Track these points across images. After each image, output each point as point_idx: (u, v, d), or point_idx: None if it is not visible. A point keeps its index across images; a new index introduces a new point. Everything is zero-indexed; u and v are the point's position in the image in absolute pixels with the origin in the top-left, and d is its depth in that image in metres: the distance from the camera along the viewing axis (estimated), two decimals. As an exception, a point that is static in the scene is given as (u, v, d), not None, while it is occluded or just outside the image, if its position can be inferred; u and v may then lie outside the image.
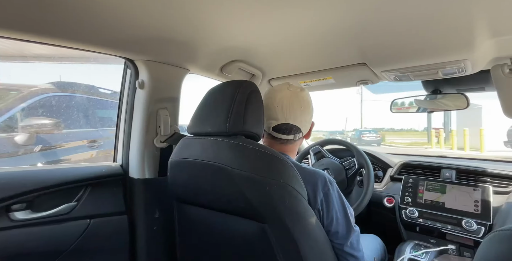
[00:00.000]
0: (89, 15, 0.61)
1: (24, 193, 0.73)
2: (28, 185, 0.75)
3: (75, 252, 0.79)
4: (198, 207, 0.69)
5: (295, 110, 0.74)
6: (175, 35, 0.75)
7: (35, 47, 1.82)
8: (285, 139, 0.75)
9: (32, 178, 0.77)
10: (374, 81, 1.09)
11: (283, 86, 0.77)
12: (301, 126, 0.75)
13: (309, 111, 0.77)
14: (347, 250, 0.66)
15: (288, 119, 0.73)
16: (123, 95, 0.97)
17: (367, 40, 0.77)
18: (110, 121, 2.43)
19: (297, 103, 0.74)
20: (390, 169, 1.35)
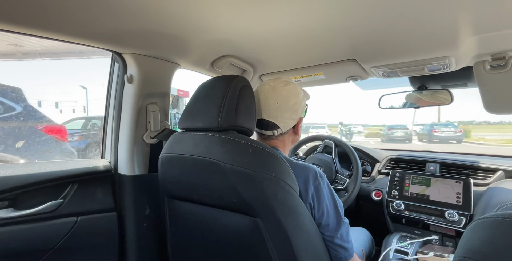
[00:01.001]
0: (75, 6, 0.59)
1: (6, 191, 0.70)
2: (10, 182, 0.71)
3: (62, 251, 0.77)
4: (189, 202, 0.69)
5: (269, 106, 0.73)
6: (165, 28, 0.74)
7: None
8: (265, 134, 0.75)
9: (14, 174, 0.73)
10: (363, 77, 1.11)
11: (268, 81, 0.77)
12: (278, 123, 0.73)
13: (287, 107, 0.74)
14: (337, 242, 0.68)
15: (263, 115, 0.73)
16: (111, 90, 0.94)
17: (357, 36, 0.78)
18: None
19: (272, 99, 0.73)
20: (378, 164, 1.39)
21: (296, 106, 0.76)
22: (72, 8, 0.60)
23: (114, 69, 0.93)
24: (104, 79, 0.96)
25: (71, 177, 0.82)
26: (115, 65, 0.92)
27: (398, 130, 15.65)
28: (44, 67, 6.26)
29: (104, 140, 0.98)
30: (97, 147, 3.56)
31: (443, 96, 1.13)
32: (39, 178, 0.76)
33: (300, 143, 1.39)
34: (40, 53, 2.22)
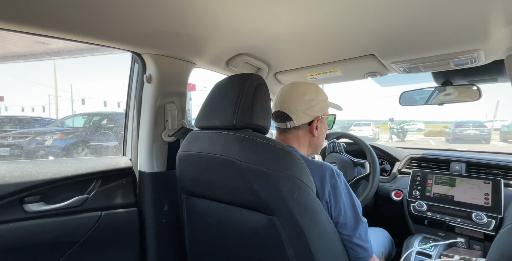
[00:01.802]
0: (98, 9, 0.61)
1: (38, 186, 0.75)
2: (41, 178, 0.76)
3: (88, 243, 0.81)
4: (206, 199, 0.70)
5: (284, 98, 0.77)
6: (182, 29, 0.75)
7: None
8: (280, 127, 0.78)
9: (44, 170, 0.78)
10: (382, 74, 1.08)
11: (292, 82, 0.81)
12: (291, 114, 0.74)
13: (301, 100, 0.75)
14: (356, 242, 0.66)
15: (278, 107, 0.77)
16: (131, 90, 0.98)
17: (377, 31, 0.76)
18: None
19: (289, 93, 0.77)
20: (398, 163, 1.34)
21: (312, 103, 0.76)
22: (96, 12, 0.62)
23: (134, 70, 0.96)
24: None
25: (95, 173, 0.86)
26: (135, 65, 0.95)
27: (470, 127, 12.44)
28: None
29: (125, 138, 1.02)
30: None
31: (470, 92, 1.07)
32: (67, 174, 0.81)
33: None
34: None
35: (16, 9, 0.57)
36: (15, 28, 0.63)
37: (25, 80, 13.50)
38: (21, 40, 2.12)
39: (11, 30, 0.63)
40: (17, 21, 0.61)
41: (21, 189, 0.73)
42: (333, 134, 1.36)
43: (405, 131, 15.66)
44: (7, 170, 0.74)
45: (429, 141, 14.56)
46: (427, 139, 16.08)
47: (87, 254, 0.82)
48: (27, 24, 0.62)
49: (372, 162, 1.13)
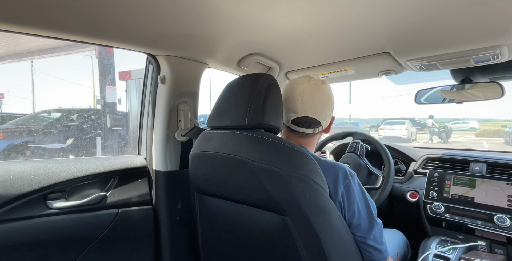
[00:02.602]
0: (116, 13, 0.63)
1: (60, 183, 0.79)
2: (62, 176, 0.80)
3: (106, 239, 0.84)
4: (219, 198, 0.71)
5: (315, 103, 0.72)
6: (195, 30, 0.76)
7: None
8: (304, 132, 0.74)
9: (66, 169, 0.82)
10: (397, 72, 1.05)
11: (304, 79, 0.75)
12: (321, 120, 0.74)
13: (330, 105, 0.75)
14: (370, 243, 0.65)
15: (308, 113, 0.72)
16: (146, 91, 1.00)
17: (392, 27, 0.74)
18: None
19: (318, 96, 0.73)
20: (414, 163, 1.30)
21: (334, 105, 0.77)
22: (114, 16, 0.64)
23: (149, 71, 0.98)
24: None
25: (113, 172, 0.89)
26: (149, 67, 0.97)
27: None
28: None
29: (140, 137, 1.05)
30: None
31: (491, 89, 1.02)
32: (86, 172, 0.84)
33: (328, 140, 1.35)
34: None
35: (36, 13, 0.59)
36: (36, 32, 0.66)
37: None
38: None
39: (33, 34, 0.66)
40: (37, 25, 0.63)
41: (45, 186, 0.76)
42: (359, 134, 1.32)
43: (449, 130, 13.42)
44: (32, 168, 0.78)
45: (481, 142, 11.98)
46: (479, 139, 13.31)
47: (105, 250, 0.85)
48: (47, 28, 0.65)
49: (387, 162, 1.11)
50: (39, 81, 9.88)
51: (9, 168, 0.75)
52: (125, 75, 6.18)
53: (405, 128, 12.68)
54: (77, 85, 22.83)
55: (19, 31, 0.64)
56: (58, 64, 21.72)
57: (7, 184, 0.72)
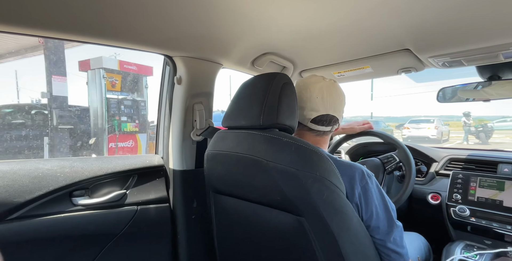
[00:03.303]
0: (134, 16, 0.65)
1: (83, 181, 0.83)
2: (86, 174, 0.84)
3: (126, 236, 0.87)
4: (234, 198, 0.71)
5: (334, 101, 0.73)
6: (211, 31, 0.77)
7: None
8: (322, 131, 0.74)
9: (89, 167, 0.86)
10: (418, 69, 1.01)
11: (318, 78, 0.76)
12: (339, 117, 0.76)
13: (345, 103, 0.78)
14: (390, 246, 0.63)
15: (329, 110, 0.72)
16: (163, 91, 1.03)
17: (413, 23, 0.71)
18: None
19: (336, 94, 0.74)
20: (435, 164, 1.25)
21: (345, 103, 0.79)
22: (133, 19, 0.67)
23: (166, 72, 1.00)
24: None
25: (132, 170, 0.93)
26: (166, 68, 1.00)
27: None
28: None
29: (158, 136, 1.07)
30: None
31: (523, 86, 0.95)
32: (108, 171, 0.88)
33: (343, 139, 1.32)
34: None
35: (57, 17, 0.62)
36: (53, 35, 0.69)
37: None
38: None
39: (49, 37, 0.70)
40: (54, 28, 0.66)
41: (70, 183, 0.81)
42: (363, 132, 1.29)
43: (489, 130, 11.01)
44: (58, 166, 0.82)
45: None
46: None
47: (126, 246, 0.88)
48: (66, 31, 0.68)
49: (407, 162, 1.06)
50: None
51: (38, 165, 0.80)
52: (85, 65, 5.53)
53: (434, 127, 11.16)
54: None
55: (41, 35, 0.68)
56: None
57: (36, 181, 0.76)
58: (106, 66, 5.47)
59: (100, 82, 5.41)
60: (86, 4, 0.59)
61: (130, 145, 5.74)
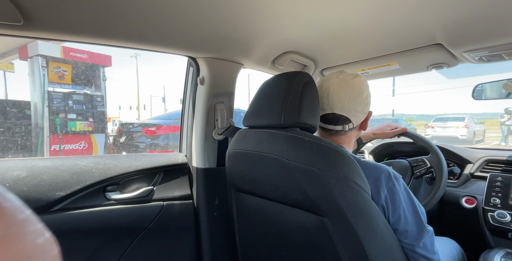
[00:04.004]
0: (161, 20, 0.69)
1: (115, 177, 0.89)
2: (117, 170, 0.90)
3: (153, 230, 0.92)
4: (255, 196, 0.72)
5: (342, 99, 0.69)
6: (233, 31, 0.78)
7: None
8: (333, 130, 0.71)
9: (120, 164, 0.92)
10: (451, 65, 0.94)
11: (333, 74, 0.73)
12: (350, 116, 0.70)
13: (360, 100, 0.71)
14: (420, 252, 0.60)
15: (334, 109, 0.69)
16: (187, 92, 1.06)
17: (447, 15, 0.66)
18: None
19: (345, 92, 0.69)
20: (470, 165, 1.16)
21: (367, 99, 0.72)
22: (160, 23, 0.70)
23: (189, 73, 1.04)
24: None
25: (158, 168, 0.97)
26: (190, 69, 1.03)
27: None
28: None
29: (181, 135, 1.12)
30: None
31: None
32: (137, 168, 0.93)
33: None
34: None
35: (84, 21, 0.66)
36: (77, 39, 0.73)
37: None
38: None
39: (81, 42, 0.74)
40: (78, 32, 0.69)
41: (103, 179, 0.87)
42: (400, 135, 1.23)
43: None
44: (93, 162, 0.89)
45: None
46: None
47: (153, 239, 0.93)
48: (89, 35, 0.71)
49: (438, 163, 1.00)
50: None
51: (76, 162, 0.87)
52: (24, 53, 4.57)
53: (464, 126, 9.55)
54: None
55: (65, 39, 0.71)
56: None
57: (75, 176, 0.83)
58: (44, 53, 4.46)
59: (39, 72, 4.44)
60: (116, 9, 0.62)
61: (82, 147, 4.85)
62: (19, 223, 0.13)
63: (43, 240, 0.13)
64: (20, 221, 0.13)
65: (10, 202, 0.13)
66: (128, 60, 36.74)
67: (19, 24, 0.59)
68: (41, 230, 0.14)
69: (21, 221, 0.13)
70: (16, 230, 0.12)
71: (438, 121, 10.73)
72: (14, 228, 0.12)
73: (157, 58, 55.18)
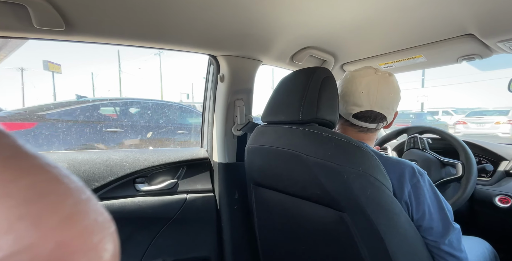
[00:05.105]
0: (182, 21, 0.72)
1: (144, 170, 0.95)
2: (145, 163, 0.96)
3: (178, 220, 0.98)
4: (273, 191, 0.73)
5: (384, 97, 0.68)
6: (252, 29, 0.79)
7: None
8: (366, 127, 0.70)
9: (147, 158, 0.98)
10: (483, 56, 0.88)
11: (370, 71, 0.71)
12: (387, 115, 0.70)
13: (397, 99, 0.71)
14: (445, 249, 0.59)
15: (374, 107, 0.68)
16: (208, 89, 1.10)
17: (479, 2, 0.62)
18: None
19: (386, 89, 0.68)
20: (505, 162, 1.08)
21: (400, 98, 0.72)
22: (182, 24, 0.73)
23: (210, 71, 1.07)
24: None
25: (182, 162, 1.03)
26: (211, 67, 1.06)
27: None
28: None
29: (203, 131, 1.16)
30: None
31: None
32: (162, 162, 0.99)
33: (384, 141, 1.23)
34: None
35: (117, 27, 0.70)
36: (117, 42, 0.78)
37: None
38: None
39: (113, 44, 0.79)
40: (118, 36, 0.74)
41: (133, 171, 0.94)
42: (414, 128, 1.19)
43: None
44: (124, 156, 0.96)
45: None
46: None
47: (178, 229, 0.99)
48: (126, 38, 0.76)
49: (467, 161, 0.95)
50: None
51: (109, 155, 0.94)
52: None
53: (508, 122, 7.47)
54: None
55: (102, 42, 0.77)
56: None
57: (108, 169, 0.91)
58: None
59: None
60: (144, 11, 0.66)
61: None
62: (83, 202, 0.14)
63: (102, 218, 0.15)
64: (84, 200, 0.14)
65: (75, 183, 0.15)
66: (152, 57, 38.48)
67: (61, 29, 0.65)
68: (100, 209, 0.15)
69: (84, 200, 0.14)
70: (81, 209, 0.14)
71: (472, 115, 8.77)
72: (80, 206, 0.14)
73: (180, 56, 57.44)
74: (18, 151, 0.14)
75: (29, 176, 0.13)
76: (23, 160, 0.13)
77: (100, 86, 44.25)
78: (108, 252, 0.14)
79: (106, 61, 67.41)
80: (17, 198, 0.12)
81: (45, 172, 0.14)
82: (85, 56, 78.29)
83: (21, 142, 0.14)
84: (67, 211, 0.13)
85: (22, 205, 0.12)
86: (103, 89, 40.78)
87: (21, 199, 0.12)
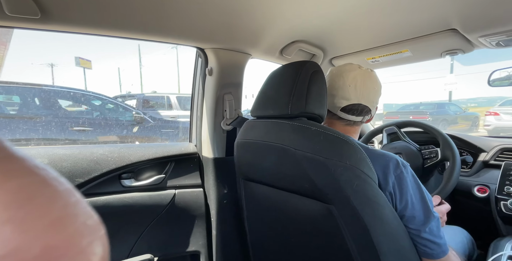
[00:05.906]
0: (168, 12, 0.69)
1: (130, 165, 0.93)
2: (131, 159, 0.94)
3: (167, 216, 0.97)
4: (263, 185, 0.73)
5: (369, 91, 0.71)
6: (240, 21, 0.78)
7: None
8: (353, 121, 0.72)
9: (133, 153, 0.96)
10: (466, 51, 0.90)
11: (354, 66, 0.73)
12: (372, 108, 0.73)
13: (380, 93, 0.75)
14: (426, 236, 0.61)
15: (361, 100, 0.70)
16: (196, 83, 1.08)
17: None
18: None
19: (371, 84, 0.71)
20: (484, 154, 1.14)
21: (381, 94, 0.76)
22: (167, 15, 0.70)
23: (198, 64, 1.05)
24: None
25: (170, 157, 1.01)
26: (199, 60, 1.04)
27: None
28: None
29: (191, 126, 1.14)
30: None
31: None
32: (149, 157, 0.97)
33: (373, 134, 1.25)
34: None
35: (89, 14, 0.67)
36: (97, 32, 0.74)
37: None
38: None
39: (93, 34, 0.75)
40: (98, 26, 0.71)
41: (119, 167, 0.91)
42: (396, 122, 1.21)
43: None
44: (108, 151, 0.93)
45: None
46: None
47: (166, 224, 0.98)
48: (107, 28, 0.73)
49: (451, 153, 0.98)
50: None
51: (93, 150, 0.91)
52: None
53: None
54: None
55: (80, 32, 0.73)
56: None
57: (92, 164, 0.88)
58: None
59: None
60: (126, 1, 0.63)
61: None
62: (72, 205, 0.14)
63: (92, 221, 0.15)
64: (73, 203, 0.14)
65: (64, 185, 0.14)
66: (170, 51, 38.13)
67: (36, 17, 0.61)
68: (90, 212, 0.15)
69: (73, 203, 0.14)
70: (70, 212, 0.14)
71: (506, 105, 6.87)
72: (68, 209, 0.14)
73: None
74: (4, 153, 0.13)
75: (16, 179, 0.13)
76: (9, 162, 0.13)
77: (125, 81, 44.57)
78: (97, 255, 0.14)
79: (130, 56, 65.34)
80: (3, 201, 0.12)
81: (32, 175, 0.13)
82: (112, 50, 75.01)
83: (8, 144, 0.14)
84: (56, 214, 0.13)
85: (8, 209, 0.12)
86: (127, 84, 41.92)
87: (7, 203, 0.12)
